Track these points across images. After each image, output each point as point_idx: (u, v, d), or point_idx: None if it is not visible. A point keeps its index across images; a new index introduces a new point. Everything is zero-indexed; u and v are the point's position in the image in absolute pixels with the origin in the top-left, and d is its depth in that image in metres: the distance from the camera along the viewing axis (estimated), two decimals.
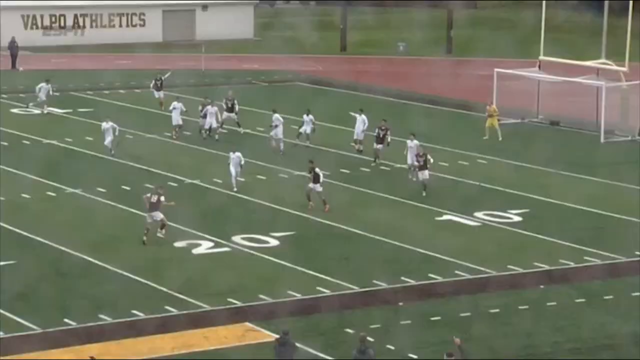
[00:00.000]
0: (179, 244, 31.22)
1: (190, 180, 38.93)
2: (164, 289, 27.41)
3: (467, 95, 54.89)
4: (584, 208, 35.61)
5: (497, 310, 26.24)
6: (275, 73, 63.90)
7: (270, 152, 42.44)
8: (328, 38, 74.23)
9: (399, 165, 40.56)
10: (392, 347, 23.74)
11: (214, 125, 45.26)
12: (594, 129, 47.19)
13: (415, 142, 37.93)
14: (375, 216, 34.30)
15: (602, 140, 46.35)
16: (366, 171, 40.76)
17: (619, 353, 23.71)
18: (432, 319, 25.63)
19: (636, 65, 48.41)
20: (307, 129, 44.60)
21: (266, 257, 30.25)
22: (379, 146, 40.79)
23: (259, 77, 62.84)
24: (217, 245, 31.19)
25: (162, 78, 51.87)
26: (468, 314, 25.97)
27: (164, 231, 31.29)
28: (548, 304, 26.71)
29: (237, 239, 31.59)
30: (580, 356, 23.59)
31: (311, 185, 34.80)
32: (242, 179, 36.49)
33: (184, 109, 45.77)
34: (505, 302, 26.72)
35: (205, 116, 45.67)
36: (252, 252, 30.69)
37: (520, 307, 26.44)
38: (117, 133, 41.77)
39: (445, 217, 34.21)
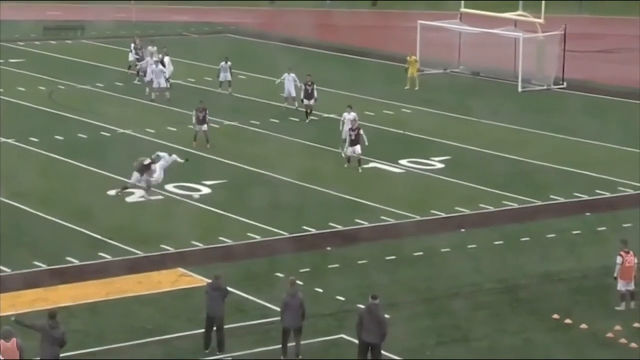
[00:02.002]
0: (112, 192, 31.66)
1: (122, 130, 39.31)
2: (98, 236, 27.83)
3: (392, 46, 55.78)
4: (503, 154, 36.73)
5: (420, 253, 27.11)
6: (206, 25, 63.99)
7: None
8: None
9: (326, 115, 41.39)
10: (321, 290, 24.45)
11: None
12: (512, 78, 48.46)
13: (353, 114, 35.71)
14: (304, 164, 34.99)
15: (519, 89, 47.65)
16: (295, 121, 41.48)
17: (535, 291, 24.76)
18: (359, 262, 26.41)
19: (551, 17, 49.71)
20: (227, 75, 45.14)
21: (198, 204, 30.81)
22: (310, 101, 41.07)
23: (189, 29, 62.92)
24: (150, 193, 31.70)
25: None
26: (393, 257, 26.80)
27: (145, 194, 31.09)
28: (469, 246, 27.70)
29: (169, 187, 32.09)
30: (499, 295, 24.53)
31: (198, 126, 36.09)
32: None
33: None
34: (428, 246, 27.61)
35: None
36: (184, 199, 31.28)
37: (442, 250, 27.36)
38: None
39: (370, 165, 35.06)
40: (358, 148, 34.22)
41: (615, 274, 23.78)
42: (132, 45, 49.04)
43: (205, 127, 36.86)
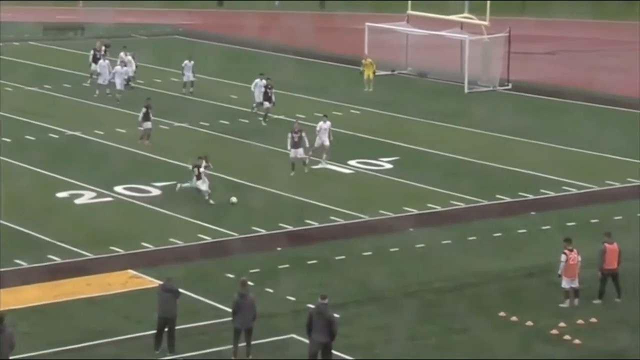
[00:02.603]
0: (61, 195, 31.60)
1: (71, 132, 39.21)
2: (47, 239, 27.77)
3: (340, 48, 56.14)
4: (450, 155, 37.18)
5: (370, 253, 27.39)
6: (154, 27, 63.87)
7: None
8: None
9: (275, 117, 41.59)
10: (271, 290, 24.64)
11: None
12: (458, 79, 49.04)
13: (328, 123, 35.21)
14: (253, 165, 35.13)
15: (466, 90, 48.24)
16: (245, 122, 41.63)
17: (481, 289, 25.16)
18: (309, 262, 26.64)
19: (496, 19, 50.39)
20: (189, 75, 45.28)
21: (148, 206, 30.88)
22: (268, 104, 41.04)
23: (138, 31, 62.75)
24: (99, 195, 31.69)
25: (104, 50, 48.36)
26: (343, 257, 27.07)
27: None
28: (417, 245, 28.02)
29: (119, 189, 32.14)
30: (447, 293, 24.91)
31: (144, 124, 36.58)
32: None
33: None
34: (377, 245, 27.89)
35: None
36: (134, 201, 31.29)
37: (391, 250, 27.68)
38: None
39: (320, 166, 35.33)
40: (301, 151, 34.13)
41: (559, 272, 24.26)
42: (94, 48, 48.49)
43: (149, 124, 37.21)
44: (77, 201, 31.21)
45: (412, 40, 51.72)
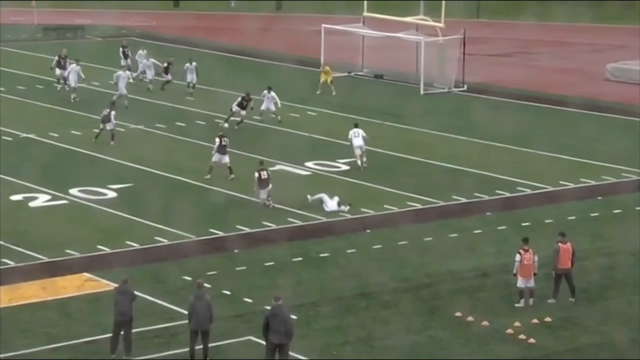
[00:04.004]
0: (15, 197, 31.36)
1: (25, 135, 38.92)
2: (1, 242, 27.52)
3: (297, 49, 56.20)
4: (407, 156, 37.38)
5: (327, 254, 27.45)
6: (110, 28, 63.53)
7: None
8: None
9: (232, 119, 41.50)
10: (228, 292, 24.63)
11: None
12: (414, 81, 49.27)
13: (358, 130, 35.41)
14: (208, 167, 35.13)
15: (422, 92, 48.47)
16: (201, 124, 41.55)
17: (438, 289, 25.31)
18: (266, 264, 26.67)
19: (451, 21, 50.72)
20: (193, 77, 45.30)
21: (104, 208, 30.76)
22: (243, 112, 40.87)
23: (93, 32, 62.37)
24: (54, 198, 31.50)
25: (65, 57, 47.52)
26: (300, 258, 27.13)
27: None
28: (374, 247, 28.13)
29: (74, 191, 31.97)
30: (403, 294, 25.02)
31: (104, 124, 36.97)
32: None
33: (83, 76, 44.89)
34: (334, 247, 27.98)
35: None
36: (89, 204, 31.13)
37: (348, 251, 27.76)
38: None
39: (277, 167, 35.32)
40: (226, 157, 33.65)
41: (514, 271, 24.48)
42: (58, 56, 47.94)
43: (110, 125, 37.38)
44: (32, 204, 31.00)
45: (368, 42, 51.88)
